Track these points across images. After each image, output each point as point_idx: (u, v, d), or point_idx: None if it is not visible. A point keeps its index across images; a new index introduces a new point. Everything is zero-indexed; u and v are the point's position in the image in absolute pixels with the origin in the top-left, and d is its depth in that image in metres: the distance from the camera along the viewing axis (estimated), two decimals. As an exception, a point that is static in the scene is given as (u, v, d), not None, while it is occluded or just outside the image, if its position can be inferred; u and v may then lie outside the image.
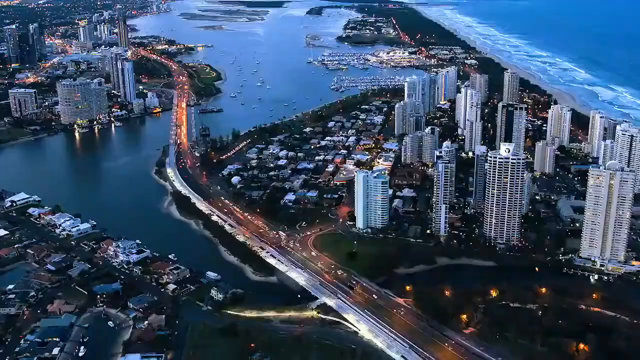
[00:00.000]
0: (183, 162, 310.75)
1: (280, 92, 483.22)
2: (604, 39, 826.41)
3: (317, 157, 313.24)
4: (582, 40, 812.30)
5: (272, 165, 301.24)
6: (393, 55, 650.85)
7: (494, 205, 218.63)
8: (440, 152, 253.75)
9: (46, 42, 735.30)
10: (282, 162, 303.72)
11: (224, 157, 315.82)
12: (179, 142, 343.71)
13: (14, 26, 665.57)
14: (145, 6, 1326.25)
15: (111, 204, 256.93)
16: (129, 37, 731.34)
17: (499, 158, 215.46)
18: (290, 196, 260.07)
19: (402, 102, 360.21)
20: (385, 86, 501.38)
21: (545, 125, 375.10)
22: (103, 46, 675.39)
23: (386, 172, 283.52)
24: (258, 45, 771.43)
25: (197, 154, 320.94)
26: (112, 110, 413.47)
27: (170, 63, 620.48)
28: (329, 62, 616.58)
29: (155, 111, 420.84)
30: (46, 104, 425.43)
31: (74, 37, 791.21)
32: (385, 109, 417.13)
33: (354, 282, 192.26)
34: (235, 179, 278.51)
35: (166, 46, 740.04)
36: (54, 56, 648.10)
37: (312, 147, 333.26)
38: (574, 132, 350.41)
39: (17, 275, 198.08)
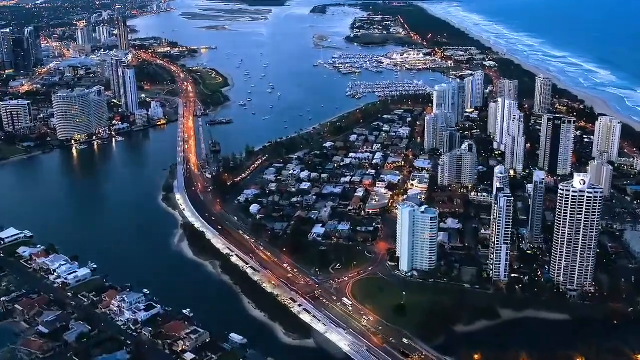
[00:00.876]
0: (193, 185, 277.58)
1: (292, 99, 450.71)
2: (613, 37, 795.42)
3: (343, 179, 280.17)
4: (593, 39, 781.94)
5: (293, 189, 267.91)
6: (407, 57, 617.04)
7: (565, 246, 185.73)
8: (493, 177, 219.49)
9: (42, 46, 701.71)
10: (304, 185, 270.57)
11: (239, 179, 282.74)
12: (187, 160, 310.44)
13: (8, 30, 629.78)
14: (145, 5, 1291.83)
15: (113, 240, 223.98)
16: (129, 39, 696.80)
17: (573, 191, 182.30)
18: (319, 229, 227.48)
19: (432, 113, 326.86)
20: (405, 92, 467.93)
21: (585, 136, 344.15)
22: (102, 50, 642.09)
23: (422, 196, 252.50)
24: (264, 46, 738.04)
25: (208, 175, 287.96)
26: (113, 122, 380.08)
27: (173, 67, 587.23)
28: (340, 65, 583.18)
29: (159, 123, 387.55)
30: (41, 116, 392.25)
31: (71, 39, 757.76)
32: (409, 119, 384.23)
33: (409, 347, 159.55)
34: (253, 208, 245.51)
35: (168, 49, 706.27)
36: (50, 61, 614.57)
37: (336, 165, 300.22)
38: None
39: (3, 339, 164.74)
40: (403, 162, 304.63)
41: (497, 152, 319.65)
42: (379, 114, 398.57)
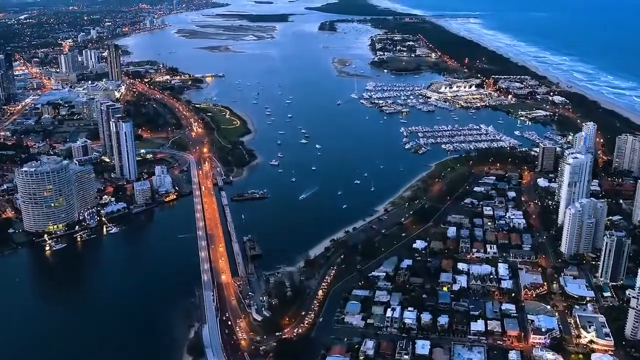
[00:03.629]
0: (235, 337, 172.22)
1: (337, 154, 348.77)
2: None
3: (473, 325, 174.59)
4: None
5: (405, 355, 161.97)
6: (457, 91, 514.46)
7: None
8: None
9: (20, 72, 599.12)
10: (421, 347, 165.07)
11: (306, 325, 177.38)
12: (217, 279, 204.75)
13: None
14: (137, 22, 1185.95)
15: None
16: (121, 64, 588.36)
17: None
18: None
19: (576, 203, 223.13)
20: (477, 143, 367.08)
21: None
22: (90, 82, 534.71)
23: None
24: (278, 73, 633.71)
25: (255, 315, 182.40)
26: (103, 198, 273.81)
27: (177, 104, 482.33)
28: (381, 102, 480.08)
29: (167, 199, 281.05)
30: (5, 187, 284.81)
31: (54, 63, 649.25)
32: (510, 193, 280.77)
33: None
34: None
35: (167, 77, 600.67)
36: (26, 94, 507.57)
37: (447, 289, 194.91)
38: None
39: None
40: (545, 284, 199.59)
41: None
42: (464, 182, 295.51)
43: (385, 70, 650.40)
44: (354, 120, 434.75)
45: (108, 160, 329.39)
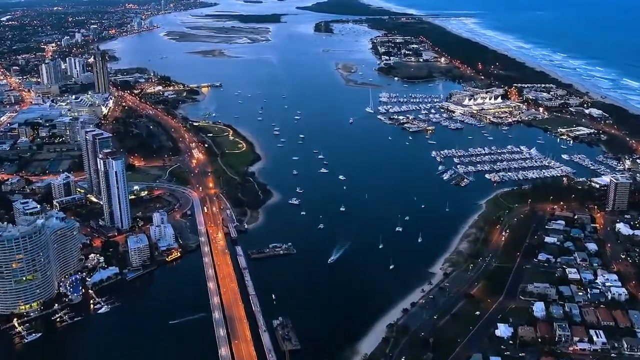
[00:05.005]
0: None
1: (365, 188, 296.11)
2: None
3: None
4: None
5: None
6: (482, 103, 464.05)
7: None
8: None
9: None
10: None
11: None
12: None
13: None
14: (124, 24, 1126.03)
15: None
16: (108, 72, 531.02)
17: None
18: None
19: None
20: (522, 170, 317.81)
21: None
22: (73, 96, 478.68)
23: None
24: (281, 82, 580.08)
25: None
26: (90, 259, 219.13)
27: (172, 121, 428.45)
28: (402, 119, 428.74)
29: (169, 258, 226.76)
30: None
31: (36, 71, 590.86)
32: (591, 245, 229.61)
33: None
34: None
35: (160, 88, 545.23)
36: (3, 111, 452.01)
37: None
38: None
39: None
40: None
41: None
42: (527, 228, 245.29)
43: (396, 78, 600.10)
44: (375, 141, 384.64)
45: (95, 200, 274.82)
